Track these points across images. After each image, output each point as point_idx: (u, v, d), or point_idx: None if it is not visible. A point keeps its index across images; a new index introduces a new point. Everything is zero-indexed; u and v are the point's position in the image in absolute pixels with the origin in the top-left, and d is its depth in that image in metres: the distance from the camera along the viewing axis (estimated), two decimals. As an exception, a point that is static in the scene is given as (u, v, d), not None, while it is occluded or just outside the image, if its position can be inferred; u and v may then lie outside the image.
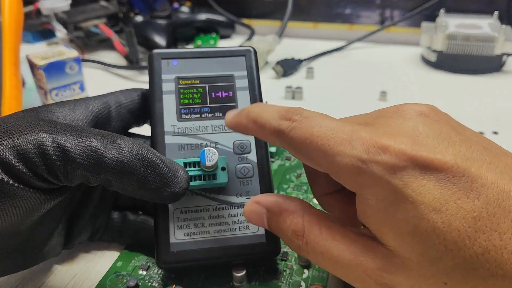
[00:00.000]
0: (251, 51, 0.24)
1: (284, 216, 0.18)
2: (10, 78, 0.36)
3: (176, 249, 0.20)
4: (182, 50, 0.23)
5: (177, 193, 0.19)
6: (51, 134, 0.17)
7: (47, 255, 0.21)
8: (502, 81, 0.46)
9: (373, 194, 0.15)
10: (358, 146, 0.15)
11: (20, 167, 0.16)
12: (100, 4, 0.59)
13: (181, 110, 0.22)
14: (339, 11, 0.59)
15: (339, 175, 0.16)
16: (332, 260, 0.17)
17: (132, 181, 0.18)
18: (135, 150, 0.18)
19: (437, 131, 0.16)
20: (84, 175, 0.17)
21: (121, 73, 0.50)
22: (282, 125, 0.17)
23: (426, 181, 0.14)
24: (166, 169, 0.18)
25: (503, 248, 0.14)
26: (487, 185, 0.14)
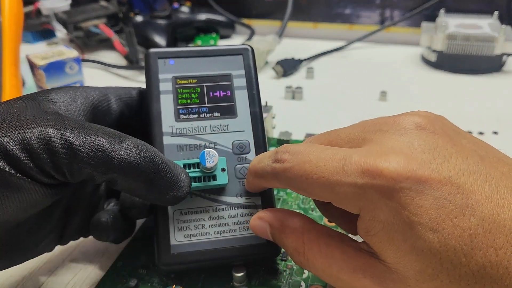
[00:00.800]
0: (249, 49, 0.24)
1: (286, 233, 0.19)
2: (10, 78, 0.36)
3: (177, 251, 0.20)
4: (179, 49, 0.23)
5: (179, 197, 0.19)
6: (59, 130, 0.17)
7: (41, 251, 0.21)
8: (502, 81, 0.46)
9: (373, 216, 0.16)
10: (353, 172, 0.16)
11: (26, 161, 0.16)
12: (100, 4, 0.59)
13: (179, 110, 0.22)
14: (339, 11, 0.59)
15: (340, 202, 0.17)
16: (332, 276, 0.17)
17: (138, 183, 0.18)
18: (142, 152, 0.18)
19: (432, 144, 0.16)
20: (90, 173, 0.17)
21: (121, 73, 0.50)
22: (276, 169, 0.18)
23: (423, 201, 0.15)
24: (170, 173, 0.19)
25: (498, 264, 0.14)
26: (481, 201, 0.15)
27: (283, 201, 0.28)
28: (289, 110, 0.41)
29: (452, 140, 0.17)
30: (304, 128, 0.36)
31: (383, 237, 0.15)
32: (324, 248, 0.17)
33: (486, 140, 0.35)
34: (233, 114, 0.22)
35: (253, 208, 0.21)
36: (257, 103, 0.23)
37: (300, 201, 0.28)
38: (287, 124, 0.37)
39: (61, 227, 0.21)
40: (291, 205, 0.27)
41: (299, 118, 0.40)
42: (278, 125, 0.36)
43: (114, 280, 0.22)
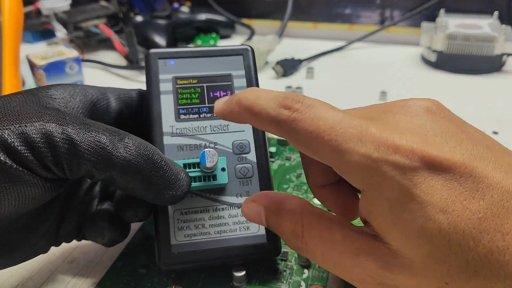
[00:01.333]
0: (249, 50, 0.24)
1: (282, 216, 0.18)
2: (10, 78, 0.36)
3: (177, 251, 0.20)
4: (179, 50, 0.23)
5: (178, 196, 0.19)
6: (61, 125, 0.17)
7: (37, 251, 0.20)
8: (502, 81, 0.46)
9: (381, 193, 0.15)
10: (368, 144, 0.15)
11: (26, 154, 0.16)
12: (100, 4, 0.59)
13: (179, 110, 0.22)
14: (339, 11, 0.59)
15: (346, 172, 0.16)
16: (332, 260, 0.17)
17: (136, 181, 0.18)
18: (142, 150, 0.18)
19: (444, 129, 0.16)
20: (89, 170, 0.17)
21: (121, 73, 0.50)
22: (282, 115, 0.16)
23: (435, 182, 0.14)
24: (170, 172, 0.18)
25: (505, 249, 0.14)
26: (492, 185, 0.14)
27: (283, 201, 0.28)
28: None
29: (461, 128, 0.17)
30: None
31: (388, 216, 0.15)
32: (324, 231, 0.17)
33: (486, 140, 0.35)
34: None
35: None
36: None
37: (300, 201, 0.28)
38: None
39: (56, 227, 0.21)
40: (291, 205, 0.27)
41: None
42: (278, 125, 0.36)
43: (114, 280, 0.22)
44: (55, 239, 0.21)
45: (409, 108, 0.17)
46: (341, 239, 0.16)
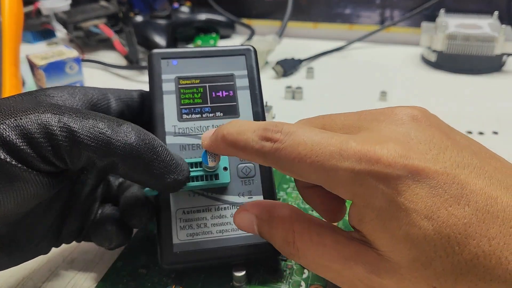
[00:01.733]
0: (251, 50, 0.24)
1: (274, 223, 0.18)
2: (10, 78, 0.36)
3: (179, 250, 0.20)
4: (182, 50, 0.23)
5: (180, 181, 0.19)
6: (57, 115, 0.17)
7: (39, 251, 0.20)
8: (502, 81, 0.46)
9: (368, 203, 0.15)
10: (350, 158, 0.15)
11: (24, 148, 0.16)
12: (100, 4, 0.59)
13: (181, 110, 0.22)
14: (339, 11, 0.59)
15: (333, 187, 0.16)
16: (323, 265, 0.17)
17: (138, 165, 0.18)
18: (141, 135, 0.18)
19: (428, 136, 0.16)
20: (90, 157, 0.17)
21: (121, 73, 0.50)
22: (265, 147, 0.17)
23: (419, 189, 0.15)
24: (170, 157, 0.19)
25: (491, 254, 0.14)
26: (476, 191, 0.15)
27: (283, 201, 0.28)
28: (289, 110, 0.41)
29: (447, 135, 0.17)
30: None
31: (376, 224, 0.15)
32: (315, 237, 0.17)
33: (486, 140, 0.35)
34: (236, 114, 0.23)
35: None
36: (260, 103, 0.23)
37: (300, 201, 0.28)
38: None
39: (58, 228, 0.21)
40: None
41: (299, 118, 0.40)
42: (278, 125, 0.36)
43: (114, 280, 0.22)
44: (57, 240, 0.21)
45: (395, 116, 0.17)
46: (332, 245, 0.17)
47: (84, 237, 0.22)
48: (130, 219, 0.21)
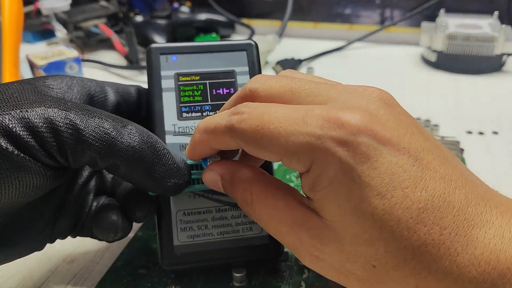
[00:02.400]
0: (253, 45, 0.23)
1: (235, 184, 0.18)
2: (10, 78, 0.36)
3: (180, 252, 0.20)
4: (182, 45, 0.23)
5: (180, 185, 0.19)
6: (63, 111, 0.17)
7: (34, 247, 0.20)
8: (502, 81, 0.46)
9: (323, 169, 0.15)
10: (313, 123, 0.15)
11: (29, 140, 0.16)
12: (100, 4, 0.59)
13: (181, 108, 0.22)
14: (339, 11, 0.59)
15: (291, 158, 0.16)
16: (274, 227, 0.17)
17: (139, 169, 0.18)
18: (145, 137, 0.18)
19: (398, 118, 0.16)
20: (93, 157, 0.17)
21: (121, 73, 0.50)
22: (232, 120, 0.17)
23: (379, 164, 0.14)
24: (172, 160, 0.19)
25: (441, 243, 0.14)
26: (435, 178, 0.14)
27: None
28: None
29: (414, 123, 0.17)
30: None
31: (327, 193, 0.15)
32: (270, 200, 0.17)
33: (486, 140, 0.35)
34: None
35: None
36: None
37: (300, 201, 0.28)
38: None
39: (53, 222, 0.20)
40: (291, 205, 0.27)
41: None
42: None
43: (114, 280, 0.22)
44: (51, 235, 0.21)
45: (368, 95, 0.17)
46: (282, 208, 0.17)
47: (79, 232, 0.22)
48: (134, 212, 0.20)
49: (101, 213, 0.21)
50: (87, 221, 0.22)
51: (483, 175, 0.32)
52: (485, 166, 0.32)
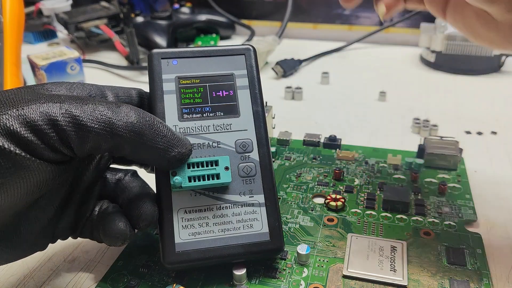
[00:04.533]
0: (251, 49, 0.24)
1: None
2: (11, 79, 0.36)
3: (181, 249, 0.21)
4: (182, 50, 0.23)
5: (184, 154, 0.20)
6: (58, 103, 0.17)
7: (36, 247, 0.20)
8: (500, 81, 0.46)
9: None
10: None
11: (29, 137, 0.16)
12: (101, 4, 0.59)
13: (182, 109, 0.22)
14: (339, 12, 0.60)
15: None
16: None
17: (142, 142, 0.18)
18: (140, 113, 0.19)
19: None
20: (96, 140, 0.18)
21: (122, 74, 0.50)
22: None
23: None
24: (171, 133, 0.20)
25: None
26: None
27: (282, 200, 0.28)
28: (289, 110, 0.41)
29: None
30: (304, 128, 0.37)
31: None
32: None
33: (484, 140, 0.35)
34: (236, 113, 0.23)
35: (256, 206, 0.22)
36: (260, 102, 0.23)
37: (300, 201, 0.28)
38: (287, 124, 0.37)
39: (55, 221, 0.21)
40: (291, 204, 0.27)
41: (299, 118, 0.40)
42: (278, 125, 0.37)
43: (114, 279, 0.22)
44: (53, 235, 0.21)
45: None
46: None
47: (80, 233, 0.22)
48: (138, 222, 0.21)
49: (109, 221, 0.21)
50: (88, 223, 0.22)
51: (482, 174, 0.32)
52: (484, 166, 0.32)
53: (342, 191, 0.28)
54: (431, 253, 0.23)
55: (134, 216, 0.21)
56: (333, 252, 0.23)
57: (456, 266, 0.22)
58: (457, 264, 0.22)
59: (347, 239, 0.24)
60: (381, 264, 0.22)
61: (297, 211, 0.27)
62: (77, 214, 0.22)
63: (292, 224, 0.26)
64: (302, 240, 0.24)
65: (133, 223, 0.21)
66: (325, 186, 0.29)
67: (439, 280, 0.21)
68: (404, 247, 0.23)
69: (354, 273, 0.22)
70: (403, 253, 0.23)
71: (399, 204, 0.26)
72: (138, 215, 0.21)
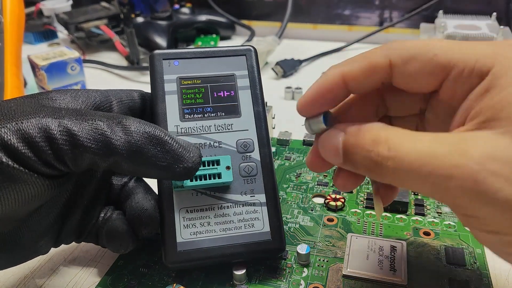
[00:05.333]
0: (252, 50, 0.24)
1: (363, 131, 0.16)
2: (12, 79, 0.36)
3: (183, 249, 0.21)
4: (183, 51, 0.24)
5: (190, 168, 0.19)
6: (57, 119, 0.17)
7: (38, 252, 0.21)
8: (500, 81, 0.46)
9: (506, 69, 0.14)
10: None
11: (25, 151, 0.16)
12: (101, 5, 0.59)
13: (183, 110, 0.22)
14: (339, 12, 0.60)
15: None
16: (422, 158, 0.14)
17: (142, 161, 0.18)
18: (141, 128, 0.18)
19: None
20: (92, 159, 0.17)
21: (122, 74, 0.50)
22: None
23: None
24: (176, 145, 0.18)
25: None
26: None
27: (282, 200, 0.28)
28: (289, 110, 0.41)
29: None
30: (304, 128, 0.37)
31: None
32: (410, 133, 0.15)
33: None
34: (237, 113, 0.23)
35: (257, 206, 0.22)
36: (260, 102, 0.23)
37: (300, 201, 0.28)
38: (287, 124, 0.37)
39: (58, 227, 0.21)
40: (291, 204, 0.27)
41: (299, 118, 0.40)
42: (278, 125, 0.37)
43: (115, 279, 0.22)
44: (56, 240, 0.21)
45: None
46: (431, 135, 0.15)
47: (84, 239, 0.22)
48: (140, 230, 0.21)
49: (112, 228, 0.21)
50: (93, 229, 0.22)
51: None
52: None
53: (342, 191, 0.28)
54: (431, 253, 0.23)
55: (136, 224, 0.21)
56: (333, 252, 0.24)
57: (456, 266, 0.22)
58: (457, 264, 0.22)
59: (347, 239, 0.24)
60: (381, 264, 0.22)
61: (297, 211, 0.27)
62: (82, 220, 0.22)
63: (292, 224, 0.26)
64: (302, 240, 0.25)
65: (136, 230, 0.21)
66: (325, 186, 0.29)
67: (439, 280, 0.21)
68: (404, 247, 0.23)
69: (354, 273, 0.22)
70: (403, 253, 0.23)
71: (398, 204, 0.26)
72: (140, 223, 0.21)
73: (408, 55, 0.16)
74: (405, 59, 0.16)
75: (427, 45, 0.16)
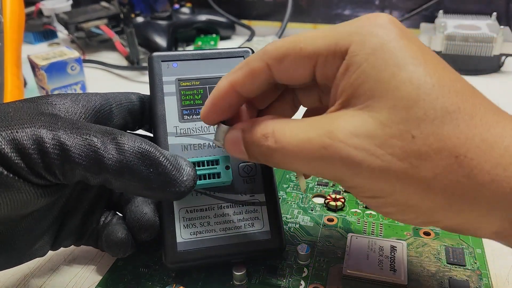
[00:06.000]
0: (249, 52, 0.24)
1: (255, 127, 0.18)
2: (12, 79, 0.36)
3: (183, 249, 0.21)
4: (182, 52, 0.24)
5: (182, 192, 0.18)
6: (52, 131, 0.17)
7: (34, 254, 0.20)
8: (500, 81, 0.46)
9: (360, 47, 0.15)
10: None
11: (17, 161, 0.16)
12: (101, 5, 0.59)
13: (182, 111, 0.22)
14: (339, 12, 0.60)
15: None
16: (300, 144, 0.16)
17: (133, 181, 0.18)
18: (136, 147, 0.18)
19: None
20: (83, 175, 0.17)
21: (122, 74, 0.50)
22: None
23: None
24: (170, 167, 0.18)
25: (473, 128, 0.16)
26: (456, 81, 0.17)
27: (282, 200, 0.28)
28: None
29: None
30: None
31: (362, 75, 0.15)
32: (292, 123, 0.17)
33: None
34: None
35: (257, 205, 0.22)
36: None
37: (300, 201, 0.28)
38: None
39: (55, 230, 0.21)
40: (291, 204, 0.27)
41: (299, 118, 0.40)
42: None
43: (115, 279, 0.22)
44: (53, 243, 0.21)
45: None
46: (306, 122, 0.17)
47: (84, 242, 0.23)
48: (139, 235, 0.21)
49: (111, 232, 0.21)
50: (93, 234, 0.22)
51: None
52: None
53: (342, 191, 0.28)
54: (431, 253, 0.23)
55: (135, 227, 0.21)
56: (333, 252, 0.24)
57: (456, 266, 0.22)
58: (457, 264, 0.22)
59: (347, 239, 0.24)
60: (381, 264, 0.22)
61: (297, 211, 0.27)
62: (82, 224, 0.22)
63: (292, 224, 0.26)
64: (302, 240, 0.25)
65: (135, 235, 0.22)
66: (325, 186, 0.29)
67: (439, 280, 0.21)
68: (404, 247, 0.23)
69: (354, 273, 0.22)
70: (403, 253, 0.23)
71: (399, 204, 0.26)
72: (139, 226, 0.21)
73: (280, 54, 0.17)
74: (278, 59, 0.17)
75: (294, 41, 0.17)
